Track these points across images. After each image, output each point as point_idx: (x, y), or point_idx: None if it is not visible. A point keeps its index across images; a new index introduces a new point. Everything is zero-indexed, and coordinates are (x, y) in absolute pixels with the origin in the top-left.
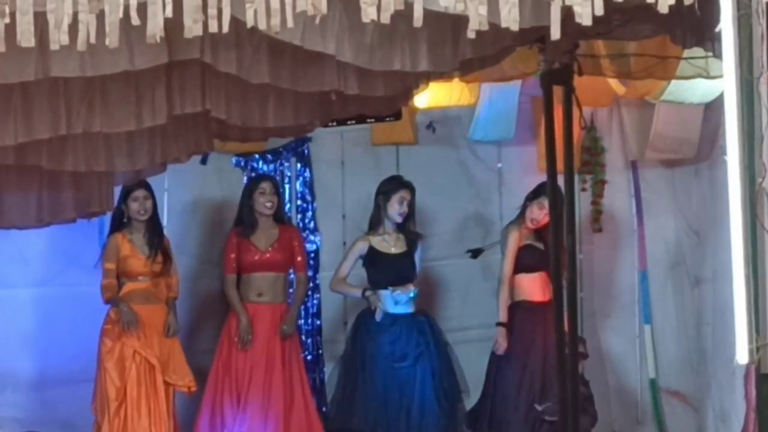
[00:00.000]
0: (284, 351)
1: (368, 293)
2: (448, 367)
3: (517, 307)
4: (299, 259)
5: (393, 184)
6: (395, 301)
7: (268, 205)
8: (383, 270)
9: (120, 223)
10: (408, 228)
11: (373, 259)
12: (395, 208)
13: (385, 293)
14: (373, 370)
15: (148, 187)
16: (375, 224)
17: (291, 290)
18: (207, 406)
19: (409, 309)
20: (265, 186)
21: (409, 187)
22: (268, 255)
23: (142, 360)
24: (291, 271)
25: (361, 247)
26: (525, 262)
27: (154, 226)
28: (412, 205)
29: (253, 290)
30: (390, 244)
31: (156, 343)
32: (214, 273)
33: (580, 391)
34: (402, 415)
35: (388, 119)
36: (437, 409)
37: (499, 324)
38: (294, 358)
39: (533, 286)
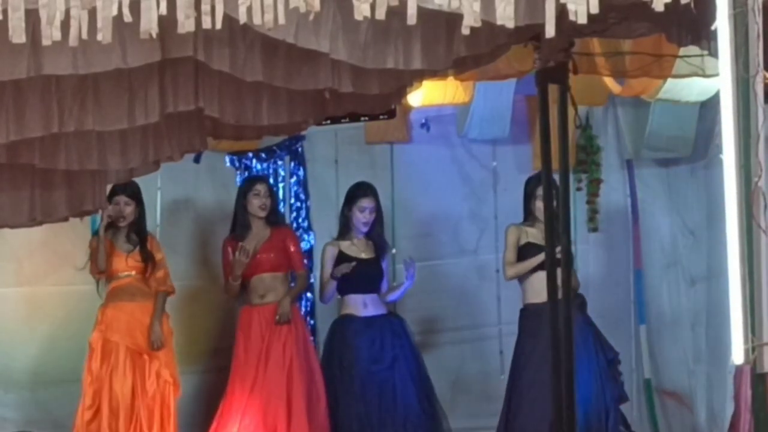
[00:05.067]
0: (298, 351)
1: (337, 272)
2: (423, 368)
3: (523, 313)
4: (296, 257)
5: (354, 193)
6: (364, 303)
7: (262, 207)
8: (353, 275)
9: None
10: (376, 235)
11: (342, 263)
12: (358, 217)
13: (355, 297)
14: (351, 375)
15: (131, 193)
16: (344, 232)
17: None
18: (226, 407)
19: (382, 311)
20: (260, 188)
21: (370, 194)
22: (258, 256)
23: (127, 352)
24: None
25: (332, 252)
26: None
27: (136, 228)
28: (378, 210)
29: (256, 294)
30: (360, 249)
31: (141, 341)
32: (207, 272)
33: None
34: (385, 419)
35: (382, 117)
36: (420, 411)
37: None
38: (305, 362)
39: (534, 286)
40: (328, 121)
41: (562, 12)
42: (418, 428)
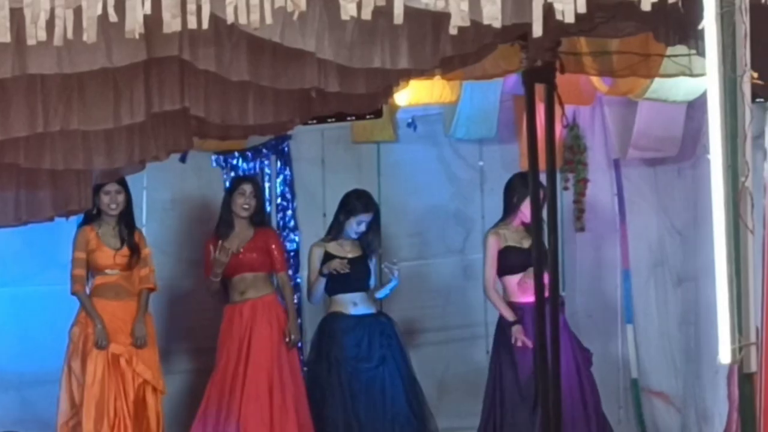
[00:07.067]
0: (272, 347)
1: (325, 269)
2: (411, 369)
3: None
4: (277, 258)
5: (354, 206)
6: (353, 302)
7: (245, 207)
8: (340, 274)
9: (91, 215)
10: (366, 241)
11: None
12: (353, 227)
13: (344, 296)
14: (339, 373)
15: (121, 182)
16: (334, 234)
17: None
18: (205, 406)
19: (371, 309)
20: (245, 188)
21: (371, 210)
22: (240, 256)
23: (108, 355)
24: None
25: (319, 254)
26: (506, 264)
27: (125, 220)
28: (376, 222)
29: (237, 291)
30: (346, 249)
31: (123, 341)
32: (193, 271)
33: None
34: (372, 418)
35: (368, 117)
36: (408, 411)
37: (512, 324)
38: (284, 356)
39: (515, 286)
40: (315, 121)
41: (548, 11)
42: (405, 427)
